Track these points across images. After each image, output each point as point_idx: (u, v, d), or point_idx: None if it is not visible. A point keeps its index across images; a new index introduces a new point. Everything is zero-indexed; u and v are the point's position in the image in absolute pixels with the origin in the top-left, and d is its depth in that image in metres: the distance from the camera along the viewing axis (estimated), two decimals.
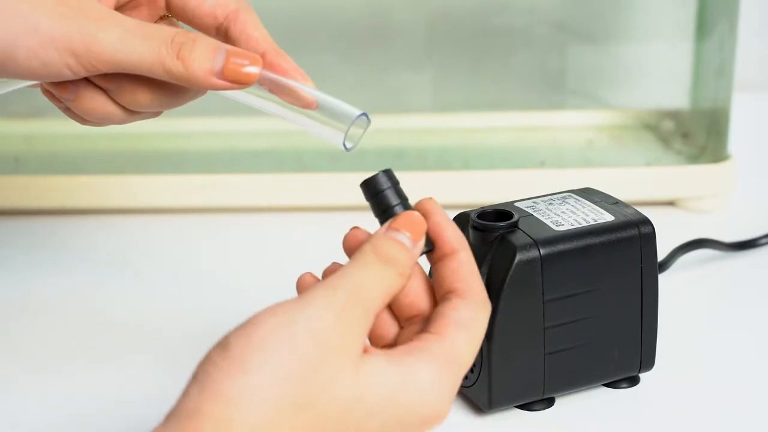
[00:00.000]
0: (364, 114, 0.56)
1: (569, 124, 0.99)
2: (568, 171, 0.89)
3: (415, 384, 0.50)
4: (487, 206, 0.63)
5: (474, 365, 0.61)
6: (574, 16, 1.00)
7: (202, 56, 0.55)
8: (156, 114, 0.60)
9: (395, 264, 0.51)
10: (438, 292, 0.54)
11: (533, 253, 0.60)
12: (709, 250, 0.82)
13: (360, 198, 0.55)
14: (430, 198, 0.55)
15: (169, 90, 0.57)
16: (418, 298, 0.54)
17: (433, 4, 0.99)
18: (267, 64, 0.57)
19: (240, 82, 0.56)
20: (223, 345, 0.49)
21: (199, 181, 0.89)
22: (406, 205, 0.55)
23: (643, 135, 0.98)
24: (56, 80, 0.56)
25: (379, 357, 0.50)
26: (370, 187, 0.56)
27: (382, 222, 0.55)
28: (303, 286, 0.57)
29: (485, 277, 0.60)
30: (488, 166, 0.92)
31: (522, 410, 0.63)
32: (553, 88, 1.01)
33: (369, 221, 0.88)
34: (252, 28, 0.59)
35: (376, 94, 1.00)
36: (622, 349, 0.64)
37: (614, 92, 1.01)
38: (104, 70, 0.55)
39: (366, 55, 0.98)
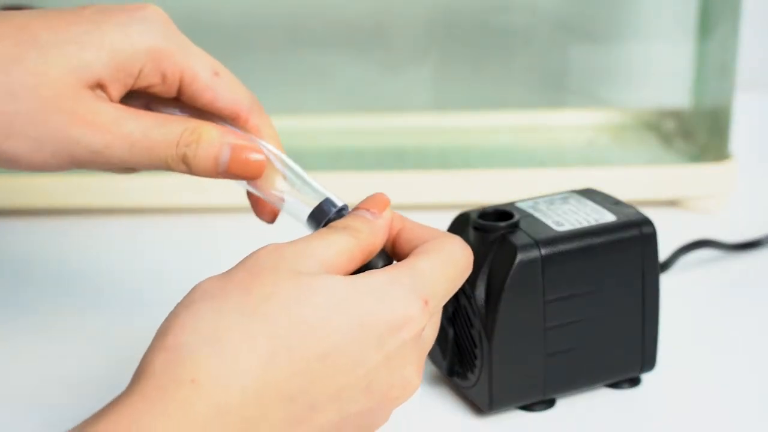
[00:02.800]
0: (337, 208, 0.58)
1: (570, 123, 0.99)
2: (568, 170, 0.89)
3: (368, 286, 0.50)
4: (487, 206, 0.63)
5: (475, 366, 0.61)
6: (575, 15, 1.00)
7: (205, 159, 0.56)
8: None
9: (353, 231, 0.53)
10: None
11: (534, 254, 0.60)
12: (711, 251, 0.81)
13: (359, 198, 0.55)
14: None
15: None
16: None
17: (433, 4, 0.99)
18: None
19: (246, 178, 0.57)
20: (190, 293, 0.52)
21: (200, 181, 0.89)
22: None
23: (645, 134, 0.98)
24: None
25: (333, 275, 0.51)
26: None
27: None
28: None
29: (486, 277, 0.60)
30: (489, 165, 0.92)
31: (523, 411, 0.63)
32: (554, 88, 1.01)
33: None
34: (265, 134, 0.60)
35: (376, 94, 1.00)
36: (623, 350, 0.64)
37: (615, 91, 1.01)
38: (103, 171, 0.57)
39: (366, 55, 0.98)
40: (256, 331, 0.48)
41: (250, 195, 0.61)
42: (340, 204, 0.58)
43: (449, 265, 0.54)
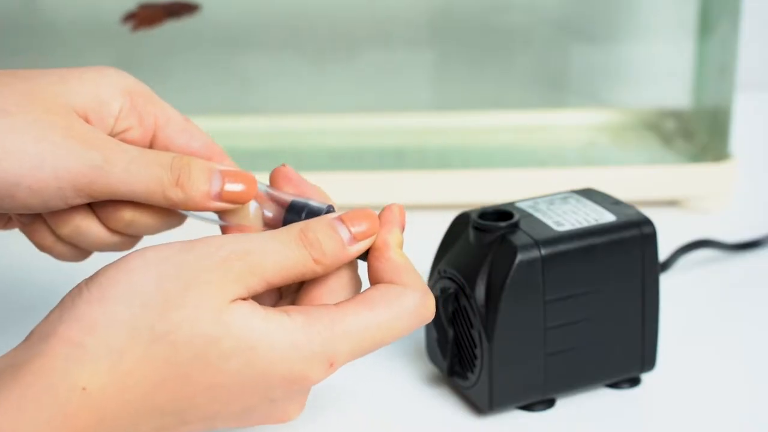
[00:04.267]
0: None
1: (570, 123, 0.99)
2: (569, 170, 0.89)
3: (279, 339, 0.49)
4: (487, 206, 0.63)
5: (475, 366, 0.61)
6: (576, 15, 1.00)
7: (199, 180, 0.55)
8: (135, 240, 0.60)
9: (314, 249, 0.51)
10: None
11: (534, 254, 0.59)
12: (711, 251, 0.81)
13: (359, 198, 0.55)
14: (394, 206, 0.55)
15: (151, 212, 0.57)
16: (331, 295, 0.53)
17: (433, 4, 0.99)
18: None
19: (236, 202, 0.56)
20: (93, 275, 0.50)
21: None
22: None
23: (645, 134, 0.98)
24: (43, 212, 0.57)
25: (251, 307, 0.50)
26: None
27: None
28: None
29: (486, 277, 0.60)
30: (489, 165, 0.92)
31: (523, 411, 0.63)
32: (555, 88, 1.01)
33: None
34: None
35: (376, 93, 1.00)
36: (623, 350, 0.64)
37: (616, 91, 1.01)
38: (101, 198, 0.56)
39: (366, 55, 0.98)
40: (158, 355, 0.48)
41: (225, 229, 0.59)
42: (316, 205, 0.56)
43: (385, 330, 0.52)
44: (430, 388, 0.66)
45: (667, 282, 0.72)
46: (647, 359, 0.65)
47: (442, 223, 0.66)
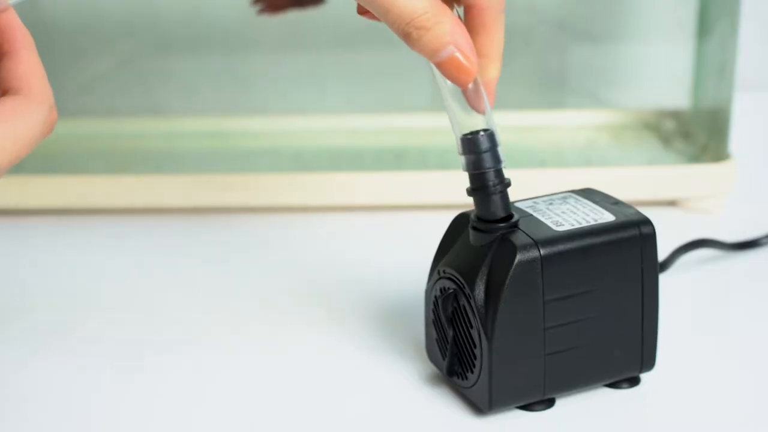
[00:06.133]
0: None
1: (569, 123, 0.99)
2: (568, 171, 0.89)
3: None
4: None
5: (474, 366, 0.61)
6: (575, 16, 1.00)
7: (425, 47, 0.56)
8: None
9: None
10: None
11: (533, 254, 0.59)
12: (711, 250, 0.81)
13: (359, 198, 0.55)
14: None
15: None
16: None
17: None
18: None
19: (452, 80, 0.57)
20: None
21: (199, 181, 0.89)
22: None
23: (644, 135, 0.98)
24: None
25: None
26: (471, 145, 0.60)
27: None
28: None
29: (485, 277, 0.60)
30: None
31: (522, 411, 0.63)
32: (554, 88, 1.01)
33: (369, 221, 0.89)
34: None
35: (376, 93, 1.00)
36: (622, 350, 0.64)
37: (615, 92, 1.01)
38: None
39: (366, 55, 0.98)
40: None
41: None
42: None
43: (14, 141, 0.50)
44: (429, 388, 0.66)
45: (666, 282, 0.72)
46: (646, 359, 0.65)
47: (442, 223, 0.67)
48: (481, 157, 0.61)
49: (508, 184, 0.61)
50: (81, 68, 0.98)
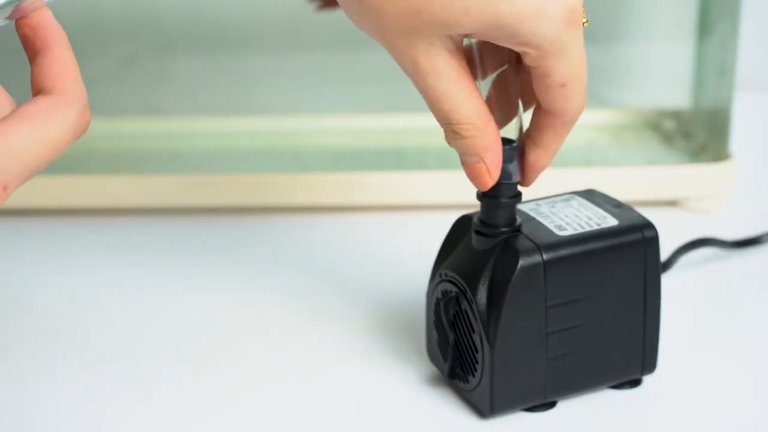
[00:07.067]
0: None
1: None
2: (568, 171, 0.89)
3: None
4: None
5: (476, 370, 0.61)
6: None
7: (458, 149, 0.59)
8: None
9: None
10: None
11: (536, 259, 0.59)
12: (712, 249, 0.81)
13: (359, 198, 0.55)
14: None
15: None
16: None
17: None
18: None
19: (470, 179, 0.60)
20: None
21: (199, 181, 0.89)
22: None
23: (645, 134, 0.98)
24: None
25: None
26: None
27: None
28: None
29: (488, 281, 0.60)
30: None
31: (524, 412, 0.63)
32: None
33: (369, 221, 0.89)
34: None
35: (376, 94, 1.00)
36: (624, 354, 0.64)
37: (615, 91, 1.01)
38: None
39: (366, 55, 0.98)
40: None
41: None
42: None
43: (46, 143, 0.49)
44: (431, 389, 0.66)
45: (667, 281, 0.71)
46: (648, 362, 0.65)
47: (443, 223, 0.67)
48: (504, 167, 0.60)
49: (520, 199, 0.61)
50: (81, 68, 0.98)
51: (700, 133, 0.94)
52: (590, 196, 0.65)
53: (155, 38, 0.98)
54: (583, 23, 0.56)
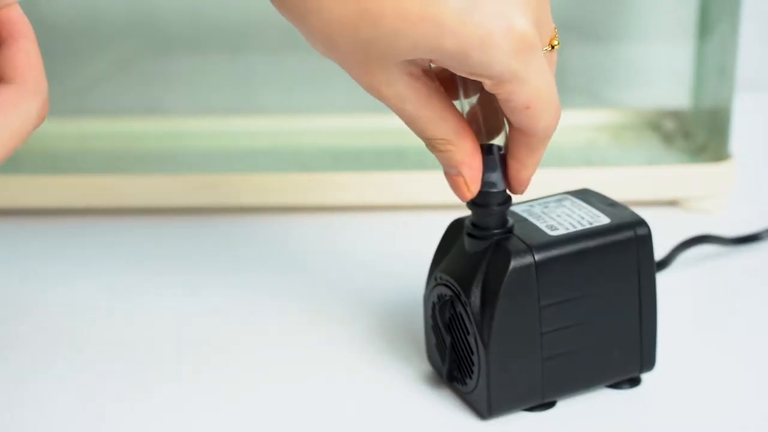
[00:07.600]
0: None
1: (569, 123, 0.98)
2: (568, 171, 0.89)
3: None
4: None
5: (473, 372, 0.61)
6: (575, 15, 1.00)
7: (441, 161, 0.60)
8: None
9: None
10: None
11: (528, 259, 0.59)
12: (711, 246, 0.81)
13: (359, 198, 0.55)
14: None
15: None
16: None
17: None
18: None
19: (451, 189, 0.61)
20: None
21: (199, 181, 0.89)
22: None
23: (644, 134, 0.97)
24: None
25: None
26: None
27: None
28: None
29: (481, 284, 0.60)
30: None
31: (524, 411, 0.63)
32: None
33: (369, 221, 0.89)
34: None
35: None
36: (621, 351, 0.64)
37: (615, 91, 1.01)
38: None
39: None
40: None
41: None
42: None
43: (10, 133, 0.49)
44: (430, 390, 0.66)
45: (666, 280, 0.72)
46: (646, 360, 0.65)
47: (443, 223, 0.67)
48: (487, 177, 0.60)
49: (509, 205, 0.61)
50: (81, 68, 0.98)
51: (700, 133, 0.94)
52: (584, 195, 0.65)
53: (155, 38, 0.98)
54: (553, 46, 0.56)
